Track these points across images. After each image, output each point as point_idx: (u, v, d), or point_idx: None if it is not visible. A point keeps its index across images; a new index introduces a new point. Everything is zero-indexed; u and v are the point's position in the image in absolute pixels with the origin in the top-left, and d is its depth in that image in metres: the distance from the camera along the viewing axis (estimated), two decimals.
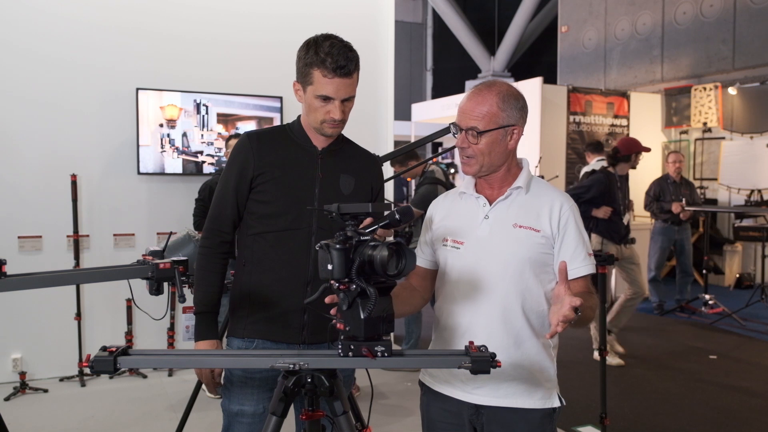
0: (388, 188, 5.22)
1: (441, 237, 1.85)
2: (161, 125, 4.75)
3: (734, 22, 9.25)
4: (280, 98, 5.04)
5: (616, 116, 8.65)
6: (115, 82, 4.63)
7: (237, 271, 2.01)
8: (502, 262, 1.74)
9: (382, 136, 5.41)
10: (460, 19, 17.49)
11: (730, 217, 8.70)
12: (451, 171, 11.48)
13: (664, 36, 10.28)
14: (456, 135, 1.78)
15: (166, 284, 2.04)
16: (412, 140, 9.79)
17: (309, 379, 1.55)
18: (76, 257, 4.53)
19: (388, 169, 4.81)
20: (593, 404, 3.90)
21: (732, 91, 8.74)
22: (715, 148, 9.11)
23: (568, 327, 1.54)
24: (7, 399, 4.15)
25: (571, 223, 1.76)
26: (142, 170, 4.71)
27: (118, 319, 4.69)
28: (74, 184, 4.50)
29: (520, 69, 16.60)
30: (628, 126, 8.72)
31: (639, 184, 7.12)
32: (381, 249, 1.39)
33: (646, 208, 6.93)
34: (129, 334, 4.65)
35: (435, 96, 18.13)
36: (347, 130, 2.01)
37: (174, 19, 4.79)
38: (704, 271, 7.29)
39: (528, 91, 7.46)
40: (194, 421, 3.34)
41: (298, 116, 2.01)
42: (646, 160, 5.32)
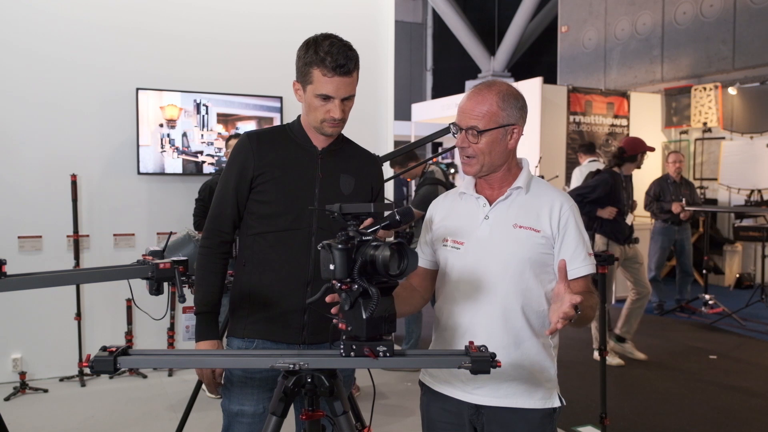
0: (388, 188, 5.22)
1: (441, 237, 1.85)
2: (161, 125, 4.75)
3: (734, 22, 9.25)
4: (280, 98, 5.04)
5: (616, 116, 8.65)
6: (115, 82, 4.63)
7: (237, 271, 2.01)
8: (503, 262, 1.74)
9: (382, 136, 5.41)
10: (460, 19, 17.49)
11: (730, 217, 8.70)
12: (451, 171, 11.46)
13: (664, 36, 10.28)
14: (455, 135, 1.78)
15: (166, 284, 2.04)
16: (412, 140, 9.79)
17: (309, 379, 1.55)
18: (76, 257, 4.53)
19: (388, 170, 4.81)
20: (593, 404, 3.90)
21: (732, 91, 8.74)
22: (715, 148, 9.12)
23: (568, 326, 1.54)
24: (7, 399, 4.15)
25: (572, 224, 1.76)
26: (142, 170, 4.71)
27: (118, 319, 4.69)
28: (74, 184, 4.50)
29: (520, 69, 16.60)
30: (628, 126, 8.72)
31: (639, 184, 7.09)
32: (383, 249, 1.39)
33: (646, 208, 6.93)
34: (129, 334, 4.65)
35: (435, 96, 18.14)
36: (347, 130, 2.01)
37: (174, 19, 4.79)
38: (704, 271, 7.29)
39: (528, 91, 7.46)
40: (194, 421, 3.34)
41: (298, 116, 2.01)
42: (646, 160, 5.30)
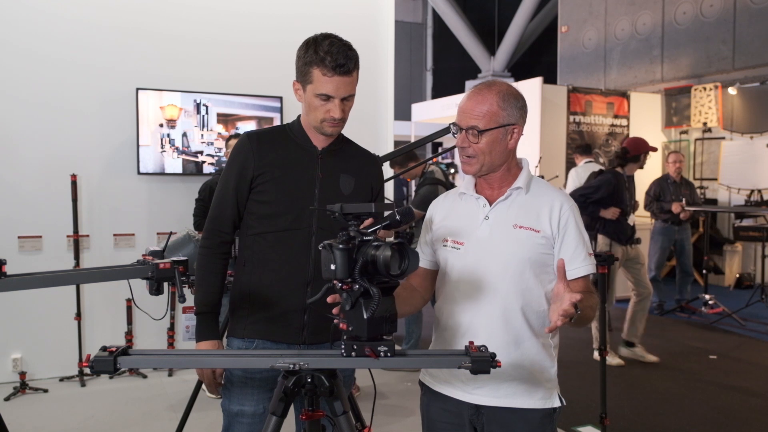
0: (388, 188, 5.22)
1: (441, 237, 1.85)
2: (161, 125, 4.75)
3: (734, 22, 9.25)
4: (280, 98, 5.04)
5: (616, 116, 8.65)
6: (115, 82, 4.63)
7: (237, 271, 2.01)
8: (503, 262, 1.74)
9: (382, 136, 5.41)
10: (460, 19, 17.49)
11: (730, 217, 8.69)
12: (451, 171, 11.46)
13: (664, 36, 10.28)
14: (455, 135, 1.78)
15: (166, 284, 2.04)
16: (412, 140, 9.79)
17: (309, 379, 1.55)
18: (76, 257, 4.53)
19: (388, 170, 4.81)
20: (593, 404, 3.90)
21: (732, 91, 8.73)
22: (715, 148, 9.11)
23: (568, 326, 1.54)
24: (7, 399, 4.15)
25: (572, 223, 1.76)
26: (142, 170, 4.71)
27: (118, 319, 4.69)
28: (74, 184, 4.50)
29: (520, 69, 16.60)
30: (628, 126, 8.72)
31: (639, 184, 7.06)
32: (384, 249, 1.39)
33: (646, 208, 6.93)
34: (129, 334, 4.65)
35: (435, 96, 18.14)
36: (347, 130, 2.01)
37: (174, 19, 4.79)
38: (704, 271, 7.29)
39: (528, 91, 7.46)
40: (194, 421, 3.34)
41: (298, 116, 2.01)
42: (646, 160, 5.30)
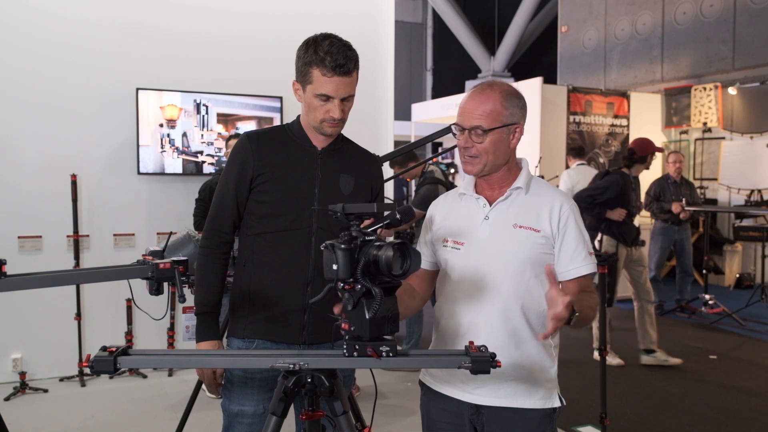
0: (388, 188, 5.22)
1: (441, 238, 1.85)
2: (161, 125, 4.75)
3: (734, 22, 9.25)
4: (280, 98, 5.04)
5: (616, 116, 8.64)
6: (115, 82, 4.63)
7: (237, 271, 2.01)
8: (503, 262, 1.74)
9: (382, 136, 5.41)
10: (460, 19, 17.49)
11: (730, 217, 8.69)
12: (451, 171, 11.47)
13: (664, 36, 10.28)
14: (456, 135, 1.78)
15: (166, 284, 2.03)
16: (412, 140, 9.79)
17: (309, 379, 1.55)
18: (76, 257, 4.53)
19: (388, 170, 4.81)
20: (593, 404, 3.90)
21: (732, 91, 8.73)
22: (715, 148, 9.11)
23: (568, 327, 1.54)
24: (7, 399, 4.15)
25: (571, 223, 1.76)
26: (142, 170, 4.71)
27: (118, 319, 4.69)
28: (74, 184, 4.50)
29: (520, 69, 16.60)
30: (628, 126, 8.71)
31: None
32: (386, 249, 1.39)
33: (646, 208, 6.93)
34: (129, 334, 4.65)
35: (435, 96, 18.14)
36: (347, 130, 2.01)
37: (174, 19, 4.79)
38: (704, 271, 7.29)
39: (528, 91, 7.46)
40: (194, 421, 3.34)
41: (298, 116, 2.01)
42: None
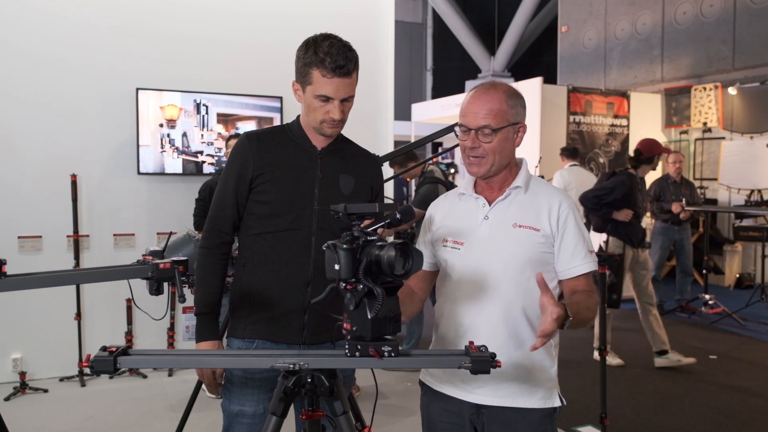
0: (388, 188, 5.22)
1: (441, 238, 1.85)
2: (161, 125, 4.75)
3: (734, 22, 9.25)
4: (280, 98, 5.04)
5: (616, 116, 8.64)
6: (115, 82, 4.63)
7: (237, 271, 2.01)
8: (503, 262, 1.74)
9: (382, 136, 5.41)
10: (460, 19, 17.49)
11: (730, 217, 8.69)
12: (451, 171, 11.48)
13: (664, 36, 10.28)
14: (460, 136, 1.77)
15: (166, 284, 2.03)
16: (412, 140, 9.79)
17: (309, 379, 1.55)
18: (76, 257, 4.53)
19: (388, 170, 4.81)
20: (593, 404, 3.90)
21: (732, 91, 8.73)
22: (715, 148, 9.11)
23: (562, 329, 1.56)
24: (7, 399, 4.15)
25: (571, 221, 1.76)
26: (142, 170, 4.71)
27: (118, 319, 4.69)
28: (74, 184, 4.50)
29: (520, 69, 16.60)
30: (628, 126, 8.71)
31: None
32: (388, 249, 1.39)
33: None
34: (129, 334, 4.65)
35: (435, 96, 18.14)
36: (347, 130, 2.00)
37: (174, 19, 4.79)
38: (704, 271, 7.29)
39: (528, 91, 7.46)
40: (194, 421, 3.34)
41: (298, 116, 2.01)
42: None
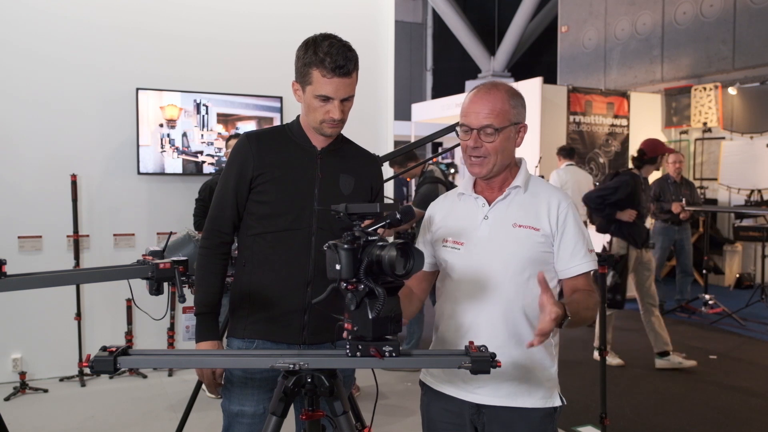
0: (388, 188, 5.22)
1: (441, 238, 1.85)
2: (161, 125, 4.74)
3: (734, 22, 9.25)
4: (280, 98, 5.04)
5: (616, 116, 8.64)
6: (115, 82, 4.63)
7: (237, 271, 2.01)
8: (503, 261, 1.74)
9: (382, 136, 5.41)
10: (460, 19, 17.49)
11: (730, 217, 8.69)
12: (451, 171, 11.47)
13: (664, 36, 10.28)
14: (461, 136, 1.77)
15: (166, 284, 2.03)
16: (412, 140, 9.79)
17: (309, 379, 1.55)
18: (76, 257, 4.53)
19: (388, 170, 4.81)
20: (593, 404, 3.90)
21: (732, 91, 8.73)
22: (715, 148, 9.11)
23: (561, 328, 1.56)
24: (7, 399, 4.15)
25: (570, 220, 1.76)
26: (142, 170, 4.71)
27: (118, 319, 4.69)
28: (74, 184, 4.50)
29: (520, 69, 16.60)
30: (628, 126, 8.71)
31: None
32: (389, 249, 1.39)
33: None
34: (129, 334, 4.65)
35: (435, 96, 18.14)
36: (347, 130, 2.00)
37: (174, 19, 4.79)
38: (704, 271, 7.29)
39: (528, 91, 7.46)
40: (194, 421, 3.34)
41: (297, 116, 2.01)
42: None
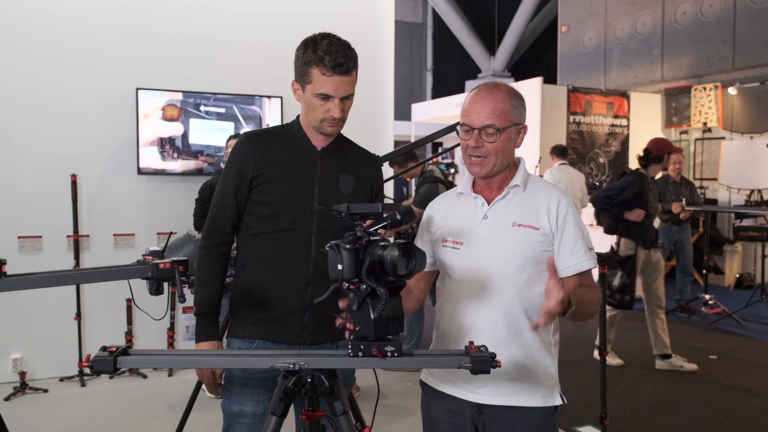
0: (388, 188, 5.22)
1: (441, 238, 1.84)
2: (161, 125, 4.74)
3: (734, 22, 9.25)
4: (280, 98, 5.04)
5: (616, 116, 8.65)
6: (115, 82, 4.63)
7: (237, 271, 2.00)
8: (503, 261, 1.74)
9: (382, 136, 5.41)
10: (460, 19, 17.50)
11: (730, 217, 8.69)
12: (451, 171, 11.47)
13: (664, 36, 10.28)
14: (462, 136, 1.76)
15: (166, 284, 2.03)
16: (412, 140, 9.79)
17: (309, 379, 1.55)
18: (76, 257, 4.53)
19: (388, 170, 4.81)
20: (593, 404, 3.90)
21: (732, 91, 8.73)
22: (715, 148, 9.11)
23: (569, 322, 1.55)
24: (7, 399, 4.15)
25: (570, 219, 1.76)
26: (142, 170, 4.71)
27: (118, 319, 4.69)
28: (74, 184, 4.50)
29: (520, 69, 16.60)
30: (628, 126, 8.72)
31: None
32: (391, 249, 1.39)
33: None
34: (129, 334, 4.65)
35: (435, 96, 18.14)
36: (347, 130, 2.00)
37: (174, 19, 4.79)
38: (704, 271, 7.29)
39: (528, 91, 7.47)
40: (194, 421, 3.34)
41: (297, 116, 2.00)
42: None
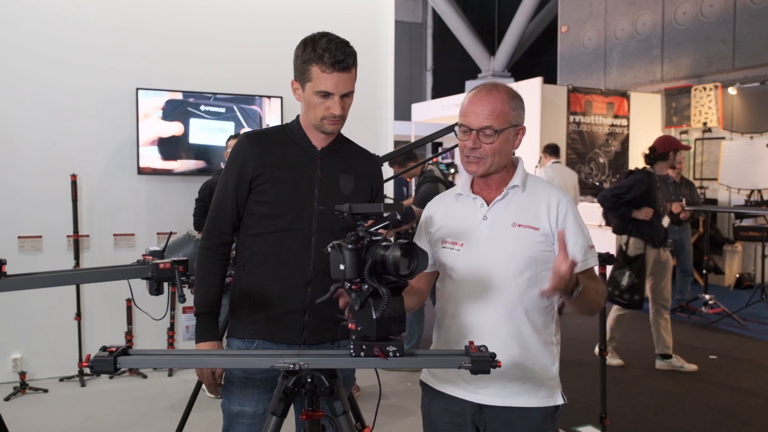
0: (388, 188, 5.22)
1: (440, 239, 1.84)
2: (161, 125, 4.74)
3: (734, 22, 9.25)
4: (280, 98, 5.04)
5: (616, 116, 8.65)
6: (115, 82, 4.63)
7: (237, 271, 2.00)
8: (503, 261, 1.74)
9: (382, 136, 5.41)
10: (460, 19, 17.50)
11: (730, 217, 8.69)
12: (451, 171, 11.47)
13: (664, 36, 10.28)
14: (460, 136, 1.77)
15: (166, 284, 2.03)
16: (412, 140, 9.79)
17: (309, 379, 1.55)
18: (76, 257, 4.53)
19: (388, 170, 4.81)
20: (593, 404, 3.90)
21: (732, 91, 8.73)
22: (715, 148, 9.12)
23: (574, 314, 1.55)
24: (7, 399, 4.14)
25: (570, 218, 1.76)
26: (142, 170, 4.71)
27: (118, 319, 4.69)
28: (74, 184, 4.50)
29: (520, 69, 16.60)
30: (628, 126, 8.72)
31: None
32: (393, 249, 1.39)
33: None
34: (129, 334, 4.65)
35: (435, 96, 18.14)
36: (347, 130, 2.00)
37: (174, 19, 4.79)
38: (704, 271, 7.29)
39: (528, 91, 7.47)
40: (194, 421, 3.33)
41: (297, 116, 2.01)
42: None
